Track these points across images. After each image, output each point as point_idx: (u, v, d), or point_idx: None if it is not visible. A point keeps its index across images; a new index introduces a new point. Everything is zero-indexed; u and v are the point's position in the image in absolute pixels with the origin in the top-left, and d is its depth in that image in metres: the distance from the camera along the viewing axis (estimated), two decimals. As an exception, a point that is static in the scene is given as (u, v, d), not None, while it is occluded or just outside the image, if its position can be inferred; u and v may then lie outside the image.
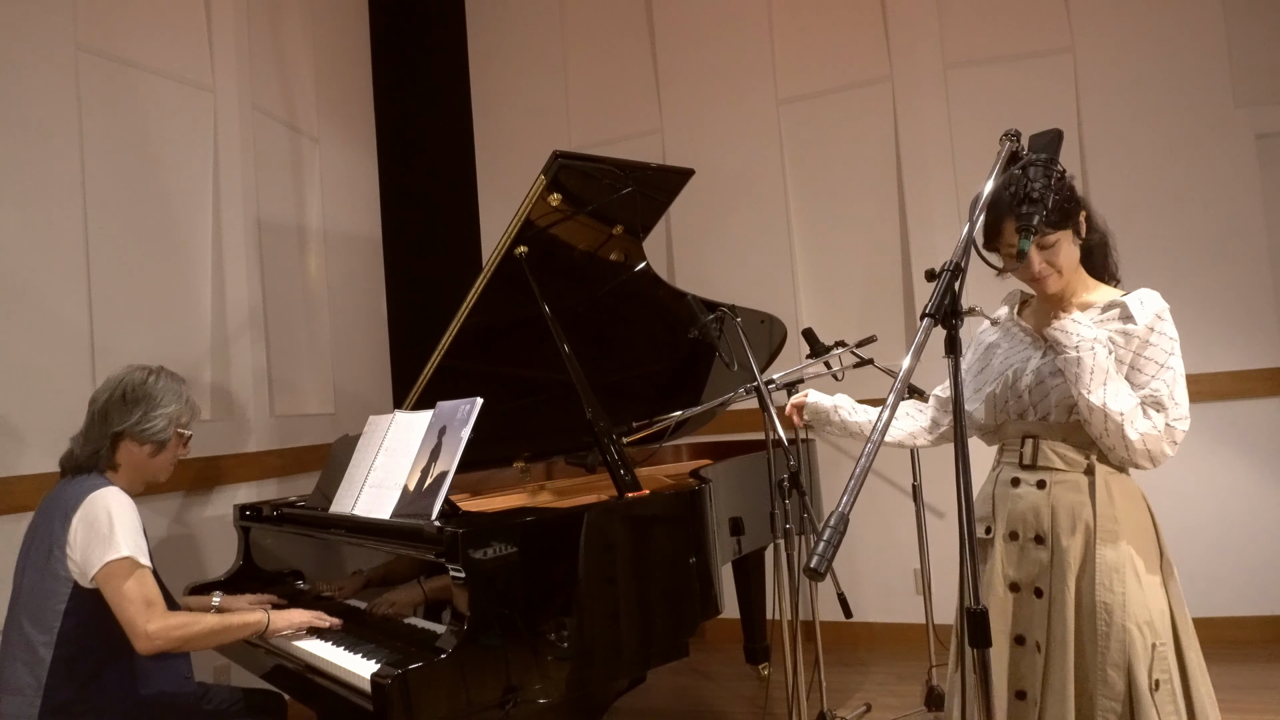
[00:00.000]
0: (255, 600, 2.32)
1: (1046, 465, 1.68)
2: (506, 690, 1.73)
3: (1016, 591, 1.70)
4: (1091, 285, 1.73)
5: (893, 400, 1.16)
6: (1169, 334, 1.61)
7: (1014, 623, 1.69)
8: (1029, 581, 1.68)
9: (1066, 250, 1.66)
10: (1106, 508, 1.61)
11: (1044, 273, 1.66)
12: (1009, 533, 1.71)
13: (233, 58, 3.42)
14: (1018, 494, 1.71)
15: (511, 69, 4.73)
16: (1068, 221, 1.64)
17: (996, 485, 1.77)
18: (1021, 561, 1.69)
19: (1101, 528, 1.60)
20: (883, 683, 3.42)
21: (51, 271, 2.68)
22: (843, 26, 4.07)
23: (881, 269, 4.01)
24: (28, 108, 2.64)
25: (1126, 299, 1.66)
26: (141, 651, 1.82)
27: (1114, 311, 1.65)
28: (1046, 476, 1.68)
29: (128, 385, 2.03)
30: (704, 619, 2.10)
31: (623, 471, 2.18)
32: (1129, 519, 1.62)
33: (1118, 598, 1.57)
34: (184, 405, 2.09)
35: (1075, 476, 1.65)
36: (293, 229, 3.83)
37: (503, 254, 2.39)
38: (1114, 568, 1.58)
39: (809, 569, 1.03)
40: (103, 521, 1.85)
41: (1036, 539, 1.67)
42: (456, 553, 1.73)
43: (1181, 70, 3.60)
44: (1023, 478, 1.71)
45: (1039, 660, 1.64)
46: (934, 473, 3.31)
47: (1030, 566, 1.68)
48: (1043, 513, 1.66)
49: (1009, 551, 1.71)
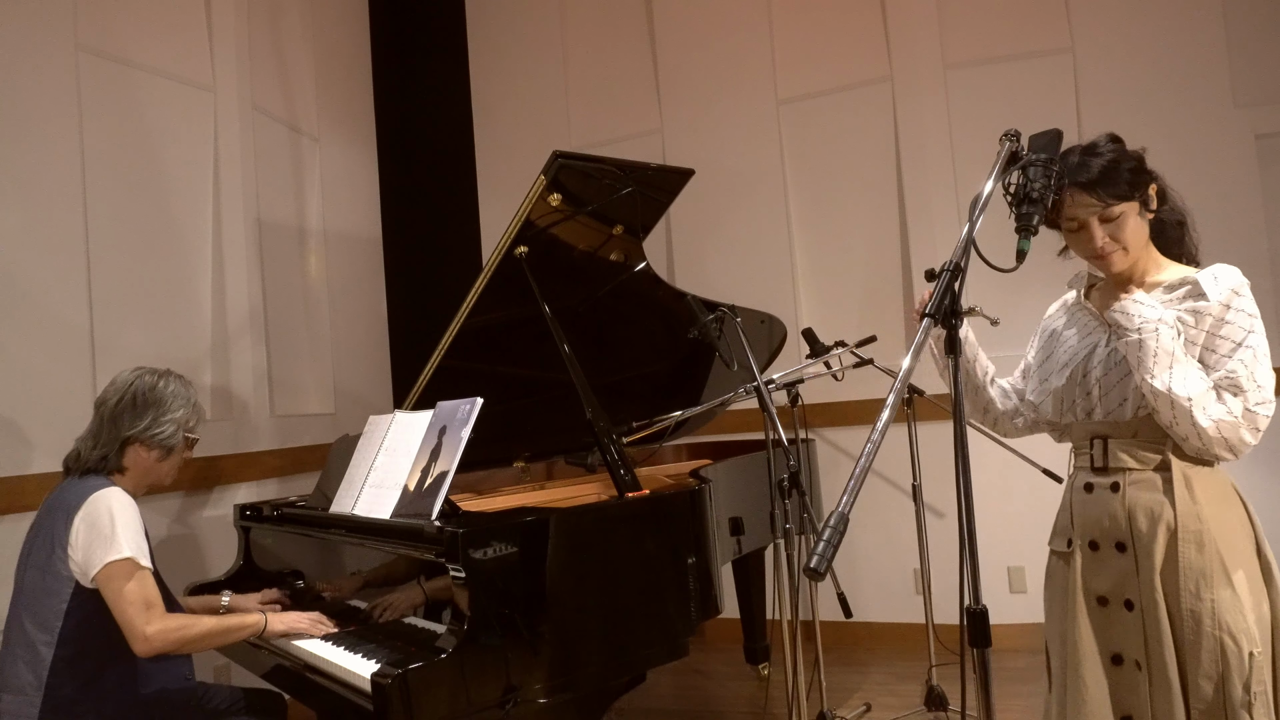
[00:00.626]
0: (265, 599, 2.32)
1: (1119, 466, 1.57)
2: (506, 690, 1.72)
3: (1105, 605, 1.57)
4: (1164, 264, 1.62)
5: (892, 400, 1.16)
6: (1247, 310, 1.49)
7: (1108, 640, 1.56)
8: (1117, 593, 1.55)
9: (1133, 225, 1.55)
10: (1187, 505, 1.49)
11: (1107, 248, 1.55)
12: (1088, 542, 1.60)
13: (233, 58, 3.42)
14: (1092, 499, 1.60)
15: (511, 69, 4.73)
16: (1134, 193, 1.53)
17: (1072, 493, 1.66)
18: (1105, 572, 1.57)
19: (1183, 527, 1.48)
20: (883, 683, 3.42)
21: (51, 271, 2.68)
22: (843, 26, 4.08)
23: (881, 269, 4.01)
24: (28, 108, 2.64)
25: (1199, 274, 1.54)
26: (140, 654, 1.82)
27: (1184, 289, 1.55)
28: (1120, 478, 1.56)
29: (138, 390, 2.03)
30: (704, 619, 2.09)
31: (623, 471, 2.18)
32: (1216, 516, 1.49)
33: (1206, 605, 1.44)
34: (192, 410, 2.09)
35: (1149, 474, 1.53)
36: (293, 229, 3.84)
37: (503, 254, 2.39)
38: (1200, 571, 1.46)
39: (809, 569, 1.02)
40: (104, 522, 1.86)
41: (1118, 546, 1.55)
42: (457, 552, 1.73)
43: (1181, 70, 3.60)
44: (1095, 482, 1.60)
45: (1141, 679, 1.50)
46: (934, 473, 3.32)
47: (1115, 577, 1.55)
48: (1120, 517, 1.55)
49: (1091, 562, 1.59)
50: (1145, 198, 1.56)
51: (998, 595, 3.67)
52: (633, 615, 1.96)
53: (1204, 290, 1.51)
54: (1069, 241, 1.63)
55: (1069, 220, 1.58)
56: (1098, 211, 1.54)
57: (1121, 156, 1.55)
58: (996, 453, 3.00)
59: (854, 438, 3.94)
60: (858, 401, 3.76)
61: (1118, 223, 1.55)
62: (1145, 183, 1.56)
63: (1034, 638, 3.56)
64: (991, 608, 1.25)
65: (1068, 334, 1.71)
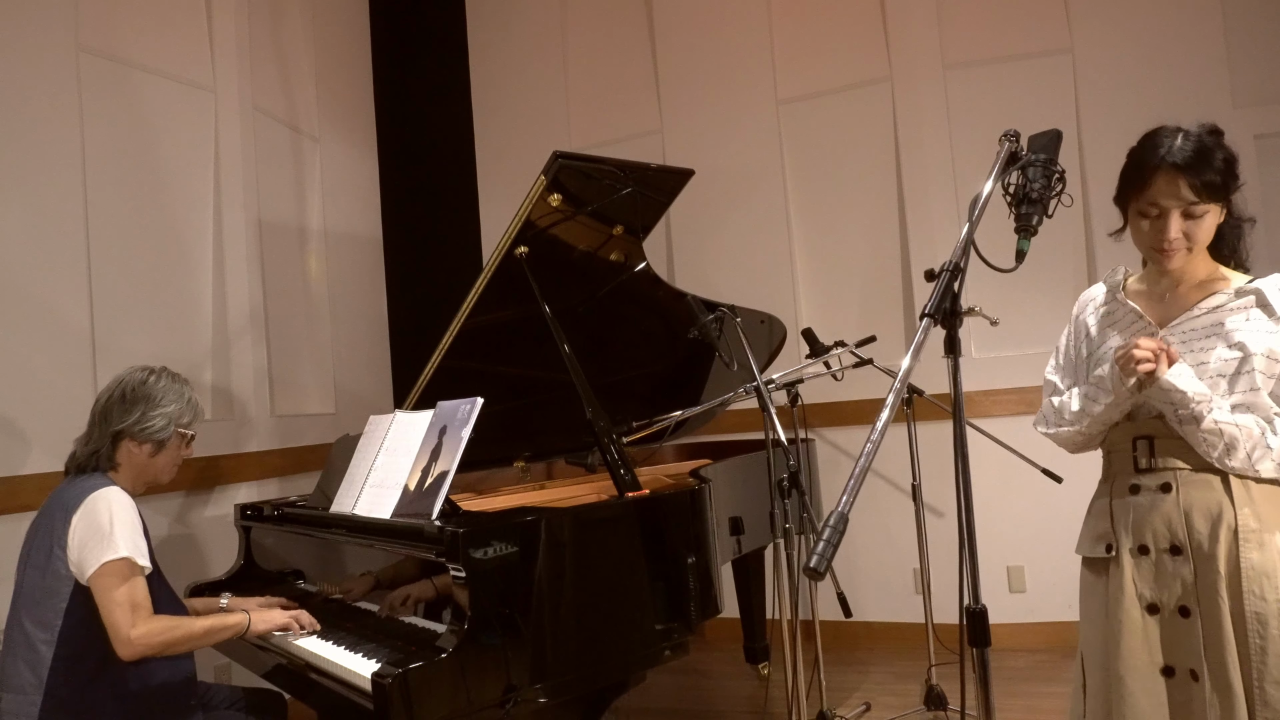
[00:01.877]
0: (264, 602, 2.31)
1: (1169, 466, 1.51)
2: (506, 690, 1.73)
3: (1156, 614, 1.50)
4: (1212, 266, 1.58)
5: (892, 400, 1.16)
6: None
7: (1159, 651, 1.50)
8: (1171, 601, 1.48)
9: (1209, 226, 1.51)
10: (1246, 504, 1.44)
11: (1176, 245, 1.50)
12: (1137, 547, 1.53)
13: (233, 58, 3.42)
14: (1140, 501, 1.53)
15: (511, 69, 4.73)
16: (1223, 195, 1.50)
17: (1112, 497, 1.59)
18: (1158, 578, 1.50)
19: (1243, 527, 1.43)
20: (882, 682, 3.42)
21: (51, 271, 2.68)
22: (843, 26, 4.08)
23: (881, 269, 4.01)
24: (28, 108, 2.64)
25: (1261, 284, 1.49)
26: (123, 657, 1.80)
27: (1247, 299, 1.50)
28: (1171, 478, 1.51)
29: (127, 385, 2.03)
30: (704, 618, 2.09)
31: (623, 471, 2.18)
32: (1273, 514, 1.44)
33: (1272, 606, 1.40)
34: (185, 405, 2.08)
35: (1203, 474, 1.48)
36: (293, 229, 3.84)
37: (503, 254, 2.39)
38: (1263, 572, 1.41)
39: (809, 568, 1.02)
40: (103, 521, 1.85)
41: (1172, 550, 1.48)
42: (457, 552, 1.73)
43: (1181, 70, 3.60)
44: (1142, 483, 1.54)
45: (1197, 691, 1.44)
46: (934, 472, 3.32)
47: (1170, 583, 1.48)
48: (1174, 519, 1.48)
49: (1141, 568, 1.52)
50: (1230, 203, 1.53)
51: (997, 595, 3.67)
52: (632, 615, 1.97)
53: (1270, 301, 1.48)
54: (1135, 227, 1.57)
55: (1150, 205, 1.52)
56: (1184, 205, 1.50)
57: (1226, 153, 1.51)
58: (996, 453, 3.00)
59: (854, 438, 3.94)
60: (857, 401, 3.76)
61: (1199, 221, 1.51)
62: (1235, 185, 1.52)
63: (1034, 637, 3.60)
64: (991, 607, 1.26)
65: (1108, 332, 1.66)
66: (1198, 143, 1.47)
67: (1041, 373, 4.07)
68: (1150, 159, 1.50)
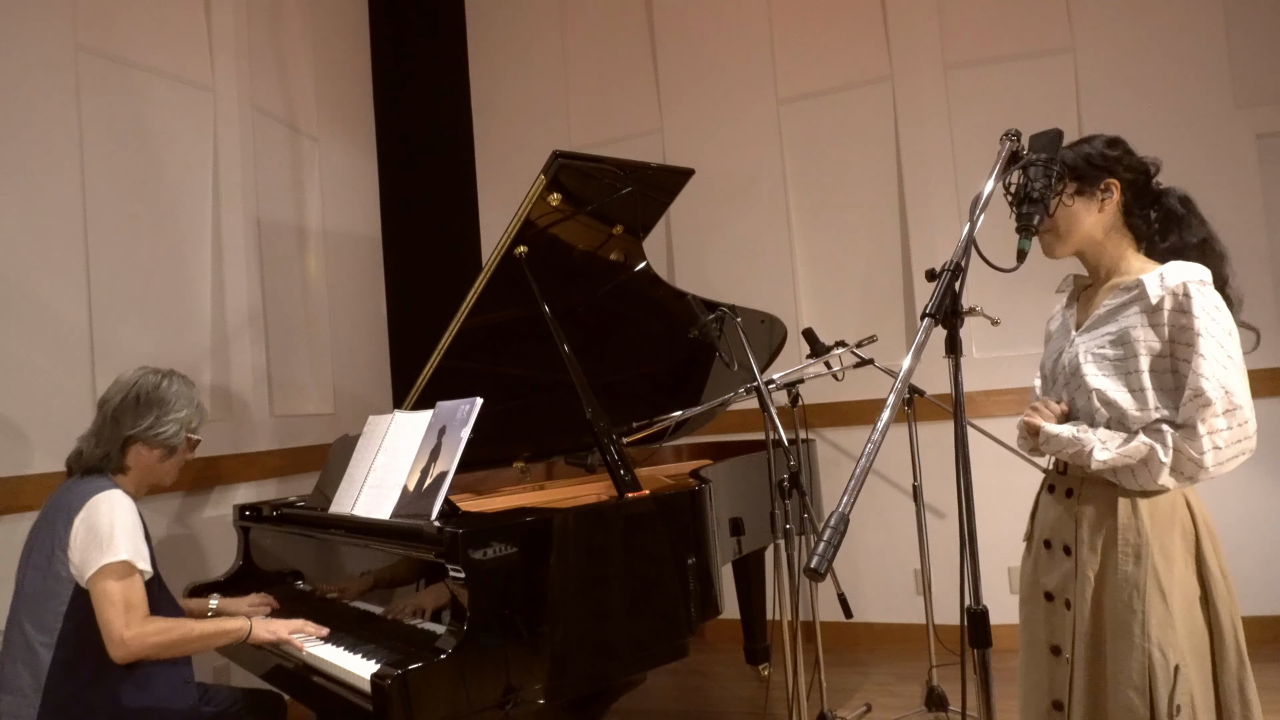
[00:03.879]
0: (256, 602, 2.31)
1: (1075, 473, 1.61)
2: (506, 690, 1.72)
3: (1051, 601, 1.64)
4: (1128, 260, 1.62)
5: (893, 400, 1.16)
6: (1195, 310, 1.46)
7: (1050, 633, 1.64)
8: (1060, 592, 1.62)
9: (1065, 211, 1.58)
10: (1129, 519, 1.52)
11: (1039, 230, 1.55)
12: (1043, 541, 1.67)
13: (233, 58, 3.42)
14: (1051, 501, 1.67)
15: (511, 69, 4.73)
16: (1057, 180, 1.52)
17: (1041, 491, 1.72)
18: (1053, 571, 1.64)
19: (1123, 539, 1.52)
20: (883, 683, 3.42)
21: (51, 271, 2.67)
22: (843, 26, 4.07)
23: (881, 269, 4.01)
24: (28, 108, 2.64)
25: (1145, 276, 1.52)
26: (116, 659, 1.79)
27: (1135, 292, 1.54)
28: (1075, 485, 1.61)
29: (141, 389, 2.02)
30: (704, 619, 2.09)
31: (623, 471, 2.18)
32: (1157, 531, 1.51)
33: (1138, 616, 1.48)
34: (195, 410, 2.09)
35: (1101, 484, 1.56)
36: (293, 229, 3.83)
37: (503, 254, 2.39)
38: (1134, 584, 1.49)
39: (809, 569, 1.02)
40: (104, 524, 1.85)
41: (1065, 549, 1.61)
42: (456, 553, 1.73)
43: (1181, 70, 3.60)
44: (1056, 484, 1.66)
45: (1067, 672, 1.58)
46: (934, 473, 3.31)
47: (1060, 577, 1.62)
48: (1070, 523, 1.60)
49: (1042, 560, 1.67)
50: (1086, 185, 1.58)
51: (998, 595, 3.66)
52: (632, 616, 1.96)
53: (1147, 294, 1.51)
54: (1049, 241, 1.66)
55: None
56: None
57: (1089, 146, 1.59)
58: (997, 453, 2.99)
59: (854, 438, 3.94)
60: (858, 401, 3.76)
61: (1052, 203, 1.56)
62: (1091, 171, 1.58)
63: (1034, 638, 3.58)
64: (992, 608, 1.25)
65: (1052, 340, 1.76)
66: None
67: (1042, 373, 4.04)
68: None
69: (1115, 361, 1.54)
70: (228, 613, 2.21)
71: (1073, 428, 1.55)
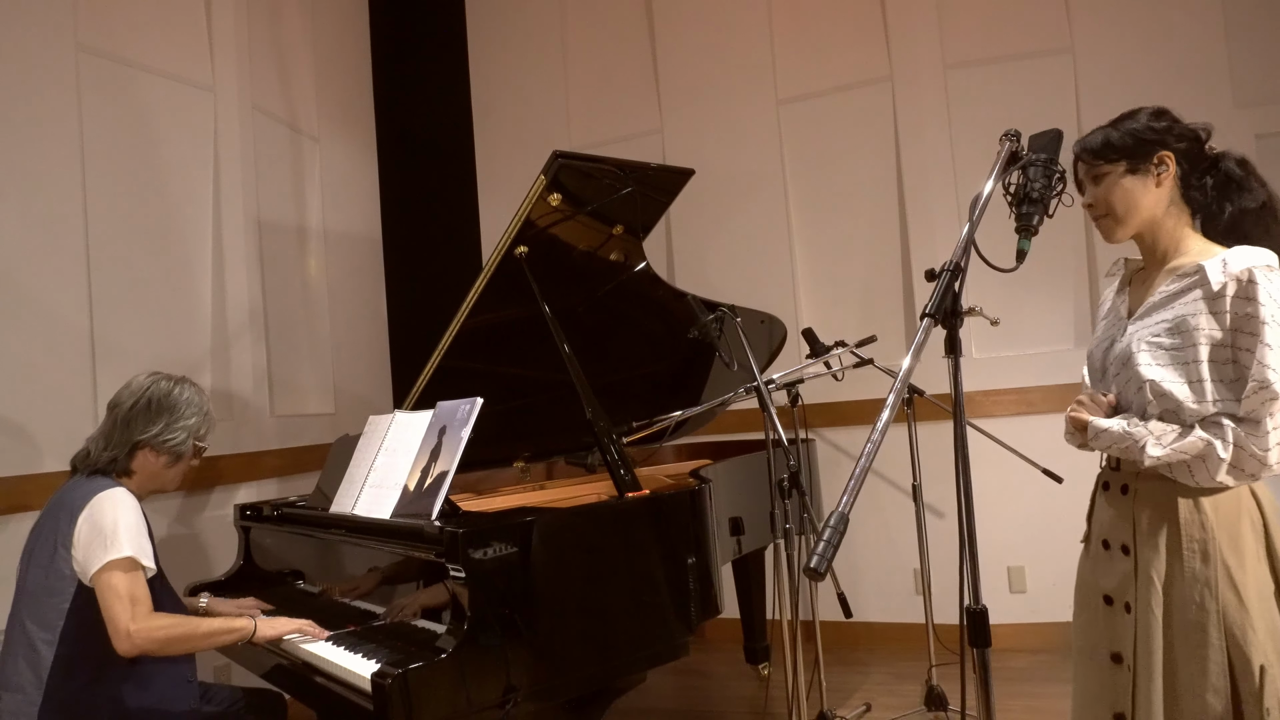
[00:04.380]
0: (242, 605, 2.30)
1: (1130, 468, 1.52)
2: (506, 690, 1.72)
3: (1110, 605, 1.53)
4: (1188, 244, 1.53)
5: (892, 400, 1.16)
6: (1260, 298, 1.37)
7: (1111, 639, 1.53)
8: (1120, 594, 1.51)
9: (1122, 190, 1.51)
10: (1192, 514, 1.43)
11: (1094, 212, 1.52)
12: (1101, 541, 1.58)
13: (233, 58, 3.42)
14: (1107, 498, 1.58)
15: (511, 69, 4.73)
16: (1119, 154, 1.49)
17: (1096, 489, 1.63)
18: (1111, 573, 1.54)
19: (1186, 535, 1.43)
20: (883, 683, 3.42)
21: (51, 271, 2.67)
22: (843, 26, 4.07)
23: (881, 269, 4.01)
24: (28, 107, 2.64)
25: (1207, 262, 1.43)
26: (121, 651, 1.79)
27: (1196, 278, 1.45)
28: (1130, 481, 1.52)
29: (153, 395, 2.02)
30: (704, 619, 2.09)
31: (623, 471, 2.18)
32: (1224, 526, 1.42)
33: (1211, 615, 1.39)
34: (204, 418, 2.09)
35: (1159, 479, 1.47)
36: (293, 229, 3.83)
37: (503, 254, 2.39)
38: (1204, 581, 1.40)
39: (809, 569, 1.02)
40: (107, 522, 1.85)
41: (1123, 549, 1.51)
42: (456, 552, 1.73)
43: (1181, 70, 3.60)
44: (1111, 481, 1.58)
45: (1128, 681, 1.48)
46: (934, 473, 3.32)
47: (1118, 579, 1.52)
48: (1128, 521, 1.51)
49: (1099, 562, 1.57)
50: (1139, 162, 1.51)
51: (998, 595, 3.67)
52: (633, 615, 1.96)
53: (1209, 279, 1.42)
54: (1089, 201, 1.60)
55: (1079, 188, 1.56)
56: (1086, 170, 1.56)
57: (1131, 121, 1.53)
58: (997, 453, 3.00)
59: (854, 438, 3.94)
60: (858, 401, 3.76)
61: (1103, 183, 1.52)
62: (1142, 146, 1.51)
63: (1034, 638, 3.59)
64: (991, 608, 1.25)
65: (1102, 324, 1.66)
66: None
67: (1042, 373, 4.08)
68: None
69: (1171, 350, 1.45)
70: (218, 612, 2.21)
71: (1122, 421, 1.47)
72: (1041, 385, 3.64)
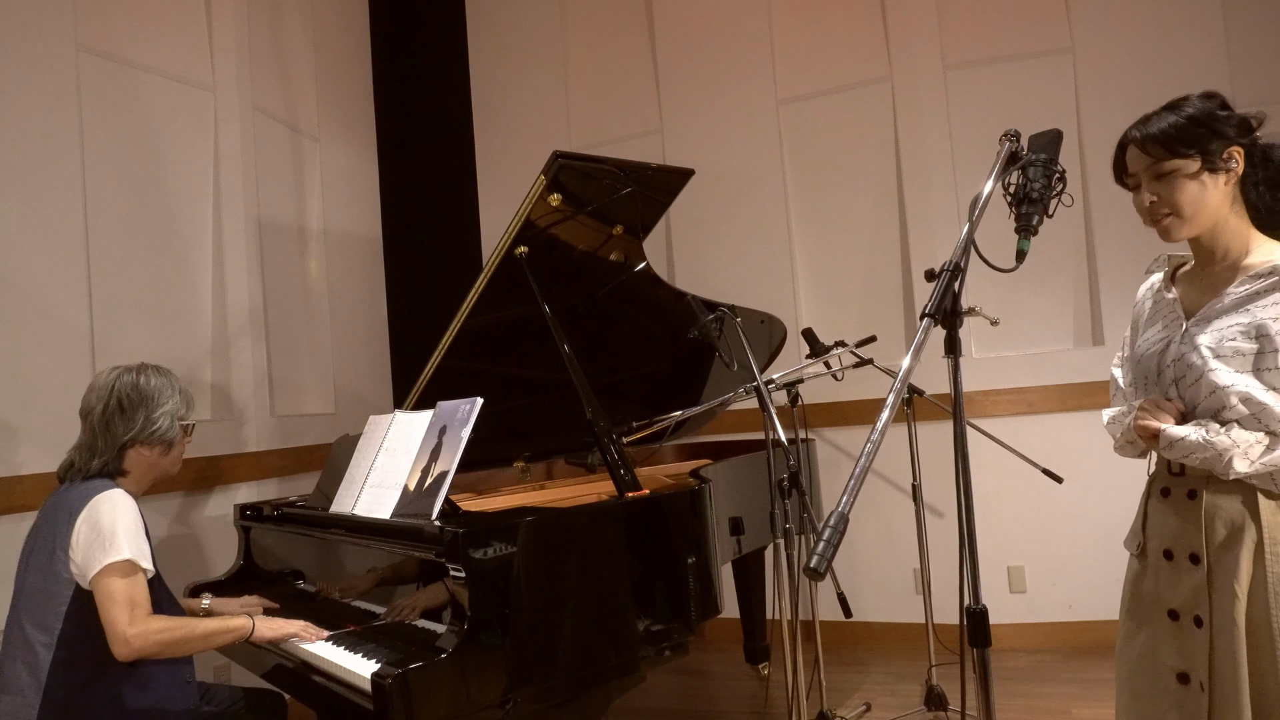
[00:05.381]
0: (249, 603, 2.30)
1: (1196, 472, 1.43)
2: (507, 690, 1.73)
3: (1176, 620, 1.44)
4: (1255, 243, 1.46)
5: (892, 400, 1.16)
6: None
7: (1179, 657, 1.44)
8: (1187, 608, 1.42)
9: (1191, 189, 1.42)
10: (1272, 516, 1.36)
11: (1155, 212, 1.43)
12: (1162, 551, 1.48)
13: (233, 58, 3.42)
14: (1168, 505, 1.49)
15: (511, 69, 4.73)
16: (1188, 149, 1.40)
17: (1150, 496, 1.55)
18: (1178, 585, 1.44)
19: (1270, 539, 1.35)
20: (883, 682, 3.42)
21: (51, 271, 2.68)
22: (843, 26, 4.08)
23: (881, 269, 4.01)
24: (28, 107, 2.64)
25: None
26: (120, 656, 1.78)
27: (1274, 279, 1.38)
28: (1198, 485, 1.43)
29: (121, 391, 1.98)
30: (704, 619, 2.09)
31: (623, 471, 2.18)
32: None
33: None
34: (180, 397, 2.06)
35: (1234, 485, 1.39)
36: (293, 229, 3.84)
37: (503, 254, 2.39)
38: None
39: (809, 569, 1.01)
40: (106, 524, 1.85)
41: (1191, 558, 1.42)
42: (457, 552, 1.73)
43: (1181, 70, 3.60)
44: (1173, 487, 1.48)
45: (1203, 703, 1.39)
46: (934, 472, 3.32)
47: (1186, 591, 1.43)
48: (1197, 528, 1.42)
49: (1163, 573, 1.48)
50: (1210, 159, 1.42)
51: (997, 595, 3.67)
52: (632, 615, 1.96)
53: None
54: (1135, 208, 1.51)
55: (1129, 178, 1.48)
56: (1148, 165, 1.45)
57: (1195, 110, 1.44)
58: (997, 453, 3.00)
59: (854, 438, 3.94)
60: (858, 401, 3.76)
61: (1169, 180, 1.43)
62: (1211, 141, 1.41)
63: (1034, 638, 3.60)
64: (991, 607, 1.25)
65: (1152, 327, 1.57)
66: (1169, 106, 1.41)
67: (1042, 373, 4.08)
68: (1124, 136, 1.49)
69: (1251, 356, 1.38)
70: (220, 613, 2.20)
71: (1200, 430, 1.38)
72: (1041, 385, 3.64)
